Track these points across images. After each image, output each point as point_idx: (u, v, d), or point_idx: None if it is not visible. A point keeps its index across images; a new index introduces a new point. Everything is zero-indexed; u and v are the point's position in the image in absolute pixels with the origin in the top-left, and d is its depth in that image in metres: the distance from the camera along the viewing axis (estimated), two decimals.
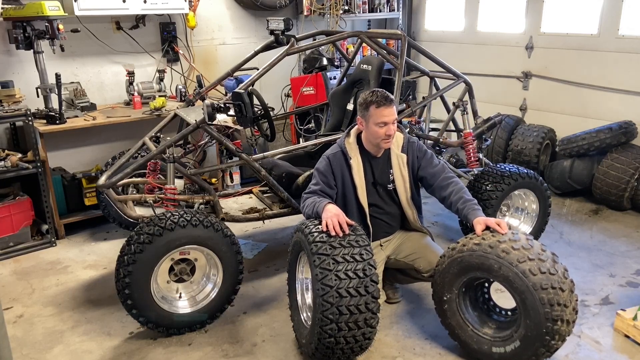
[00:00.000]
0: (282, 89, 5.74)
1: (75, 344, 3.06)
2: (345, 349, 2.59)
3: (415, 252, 3.11)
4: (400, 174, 3.08)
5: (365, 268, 2.55)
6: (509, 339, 2.59)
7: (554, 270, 2.48)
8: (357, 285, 2.51)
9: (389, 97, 2.92)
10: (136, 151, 3.58)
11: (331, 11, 5.75)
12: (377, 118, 2.89)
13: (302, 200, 3.07)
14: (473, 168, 4.05)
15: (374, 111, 2.90)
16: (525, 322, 2.49)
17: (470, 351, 2.76)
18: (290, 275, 3.03)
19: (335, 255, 2.54)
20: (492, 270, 2.54)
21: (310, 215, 2.90)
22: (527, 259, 2.47)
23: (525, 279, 2.44)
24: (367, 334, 2.58)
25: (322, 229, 2.66)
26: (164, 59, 5.25)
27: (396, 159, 3.08)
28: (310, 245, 2.62)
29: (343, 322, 2.50)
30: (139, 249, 2.82)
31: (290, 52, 3.53)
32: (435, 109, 4.80)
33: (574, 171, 4.90)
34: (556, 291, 2.43)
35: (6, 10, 4.08)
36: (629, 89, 4.79)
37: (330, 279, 2.50)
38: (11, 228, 4.11)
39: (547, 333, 2.44)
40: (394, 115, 2.93)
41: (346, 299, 2.49)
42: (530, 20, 5.47)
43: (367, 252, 2.61)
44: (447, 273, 2.74)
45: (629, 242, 4.15)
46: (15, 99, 4.21)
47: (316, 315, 2.55)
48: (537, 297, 2.42)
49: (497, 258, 2.51)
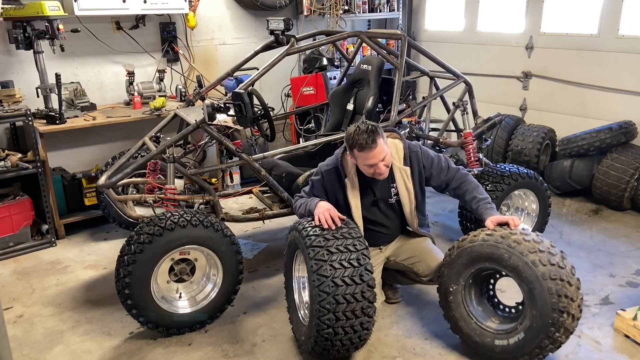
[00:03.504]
0: (282, 89, 5.74)
1: (75, 344, 3.06)
2: (344, 340, 2.59)
3: (415, 256, 3.08)
4: (405, 187, 2.97)
5: (360, 257, 2.59)
6: (513, 331, 2.61)
7: (563, 264, 2.54)
8: (352, 274, 2.54)
9: (372, 135, 2.68)
10: (136, 151, 3.58)
11: (331, 11, 5.75)
12: (364, 161, 2.76)
13: (294, 201, 3.09)
14: (473, 168, 4.04)
15: (358, 154, 2.75)
16: (531, 312, 2.51)
17: (472, 344, 2.77)
18: (287, 276, 3.03)
19: (329, 247, 2.59)
20: (502, 260, 2.57)
21: (303, 215, 2.93)
22: (538, 251, 2.54)
23: (535, 269, 2.48)
24: (364, 323, 2.59)
25: (315, 223, 2.71)
26: (164, 59, 5.25)
27: (399, 172, 2.95)
28: (304, 239, 2.66)
29: (340, 312, 2.51)
30: (139, 249, 2.82)
31: (290, 52, 3.53)
32: (435, 109, 4.79)
33: (574, 171, 4.90)
34: (564, 283, 2.47)
35: (6, 10, 4.08)
36: (629, 89, 4.79)
37: (325, 269, 2.53)
38: (11, 228, 4.11)
39: (553, 324, 2.46)
40: (382, 152, 2.74)
41: (342, 288, 2.51)
42: (530, 20, 5.47)
43: (360, 242, 2.66)
44: (455, 263, 2.76)
45: (629, 242, 4.15)
46: (15, 99, 4.21)
47: (313, 306, 2.57)
48: (546, 286, 2.45)
49: (508, 248, 2.56)
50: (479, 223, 3.31)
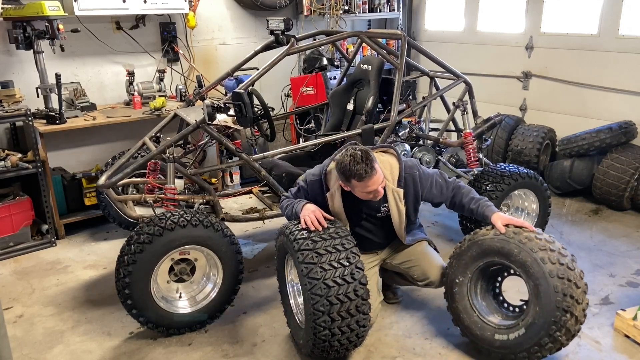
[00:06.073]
0: (282, 89, 5.74)
1: (75, 344, 3.06)
2: (342, 340, 2.59)
3: (411, 260, 3.05)
4: (396, 209, 2.85)
5: (349, 256, 2.58)
6: (514, 327, 2.62)
7: (572, 266, 2.55)
8: (343, 274, 2.54)
9: (370, 163, 2.58)
10: (136, 151, 3.58)
11: (331, 11, 5.75)
12: (363, 189, 2.64)
13: (280, 201, 3.07)
14: (473, 168, 4.05)
15: (356, 184, 2.62)
16: (534, 309, 2.53)
17: (472, 337, 2.78)
18: (280, 281, 3.03)
19: (318, 249, 2.58)
20: (512, 255, 2.59)
21: (289, 216, 2.92)
22: (548, 249, 2.56)
23: (543, 265, 2.50)
24: (360, 321, 2.58)
25: (302, 226, 2.70)
26: (164, 59, 5.25)
27: (392, 194, 2.81)
28: (292, 244, 2.65)
29: (335, 312, 2.51)
30: (139, 249, 2.82)
31: (290, 52, 3.53)
32: (435, 109, 4.79)
33: (574, 171, 4.90)
34: (571, 284, 2.49)
35: (6, 10, 4.08)
36: (629, 89, 4.79)
37: (315, 272, 2.52)
38: (11, 228, 4.11)
39: (555, 322, 2.46)
40: (380, 177, 2.65)
41: (334, 289, 2.51)
42: (530, 20, 5.47)
43: (348, 241, 2.65)
44: (464, 255, 2.78)
45: (629, 242, 4.15)
46: (15, 99, 4.21)
47: (308, 310, 2.56)
48: (552, 284, 2.47)
49: (519, 243, 2.59)
50: (479, 223, 3.31)
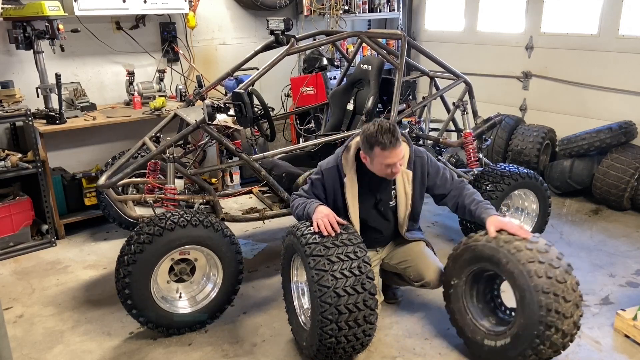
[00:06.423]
0: (282, 89, 5.74)
1: (75, 344, 3.06)
2: (346, 348, 2.60)
3: (407, 260, 3.06)
4: (404, 191, 2.93)
5: (361, 265, 2.57)
6: (502, 334, 2.61)
7: (562, 279, 2.45)
8: (354, 284, 2.52)
9: (395, 135, 2.64)
10: (136, 151, 3.58)
11: (331, 11, 5.75)
12: (383, 160, 2.68)
13: (291, 200, 3.05)
14: (473, 168, 4.05)
15: (379, 152, 2.66)
16: (519, 320, 2.50)
17: (464, 339, 2.80)
18: (284, 279, 3.02)
19: (330, 256, 2.55)
20: (500, 264, 2.56)
21: (300, 216, 2.89)
22: (537, 261, 2.47)
23: (529, 279, 2.44)
24: (367, 330, 2.59)
25: (314, 229, 2.66)
26: (164, 59, 5.24)
27: (400, 175, 2.87)
28: (303, 247, 2.62)
29: (343, 322, 2.50)
30: (139, 249, 2.82)
31: (290, 52, 3.53)
32: (435, 109, 4.79)
33: (574, 171, 4.90)
34: (558, 299, 2.41)
35: (6, 10, 4.08)
36: (629, 89, 4.79)
37: (326, 280, 2.50)
38: (11, 228, 4.11)
39: (538, 336, 2.42)
40: (401, 153, 2.72)
41: (344, 298, 2.49)
42: (530, 20, 5.47)
43: (360, 249, 2.63)
44: (459, 258, 2.78)
45: (629, 242, 4.15)
46: (15, 99, 4.21)
47: (315, 317, 2.55)
48: (536, 298, 2.41)
49: (507, 253, 2.53)
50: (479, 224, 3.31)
